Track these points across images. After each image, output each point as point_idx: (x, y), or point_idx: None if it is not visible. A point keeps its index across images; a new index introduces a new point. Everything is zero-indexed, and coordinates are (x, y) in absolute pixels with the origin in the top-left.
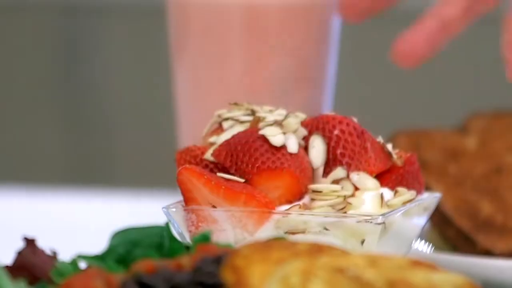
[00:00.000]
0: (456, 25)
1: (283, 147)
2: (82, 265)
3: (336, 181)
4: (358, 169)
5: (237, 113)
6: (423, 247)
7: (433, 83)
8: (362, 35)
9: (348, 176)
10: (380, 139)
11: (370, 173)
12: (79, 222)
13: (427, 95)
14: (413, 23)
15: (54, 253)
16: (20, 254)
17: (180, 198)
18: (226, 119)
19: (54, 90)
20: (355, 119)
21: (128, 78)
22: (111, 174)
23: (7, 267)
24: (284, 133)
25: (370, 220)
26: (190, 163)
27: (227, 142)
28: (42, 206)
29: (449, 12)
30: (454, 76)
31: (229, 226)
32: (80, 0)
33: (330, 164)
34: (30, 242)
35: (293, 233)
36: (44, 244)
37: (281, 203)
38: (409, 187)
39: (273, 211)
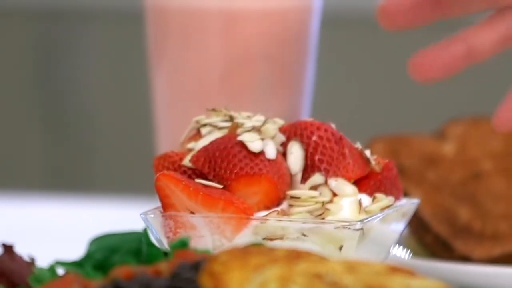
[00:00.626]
0: (481, 56)
1: (261, 153)
2: (60, 271)
3: (314, 187)
4: (336, 175)
5: (215, 119)
6: (401, 253)
7: (411, 89)
8: (341, 41)
9: (326, 182)
10: (358, 145)
11: (348, 179)
12: (57, 228)
13: (405, 102)
14: (438, 44)
15: (32, 260)
16: None
17: (158, 204)
18: (204, 125)
19: (32, 97)
20: (333, 125)
21: (106, 84)
22: (90, 180)
23: None
24: (262, 139)
25: (348, 226)
26: (168, 169)
27: (205, 148)
28: (20, 212)
29: (478, 41)
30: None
31: (207, 232)
32: (60, 5)
33: (308, 170)
34: (8, 249)
35: (271, 239)
36: (22, 250)
37: (259, 209)
38: (387, 193)
39: (251, 217)
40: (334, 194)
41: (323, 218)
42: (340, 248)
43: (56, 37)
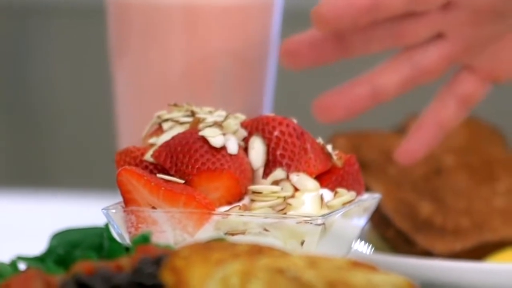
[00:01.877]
0: (386, 96)
1: (223, 148)
2: (22, 266)
3: (276, 182)
4: (298, 170)
5: (177, 114)
6: (363, 248)
7: None
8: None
9: (288, 177)
10: (320, 140)
11: (310, 174)
12: (18, 223)
13: None
14: (343, 85)
15: None
16: None
17: (120, 199)
18: (166, 120)
19: None
20: (294, 120)
21: (68, 79)
22: (51, 175)
23: None
24: (224, 134)
25: (310, 221)
26: (129, 164)
27: (167, 143)
28: None
29: (383, 82)
30: None
31: (169, 228)
32: (22, 1)
33: (270, 165)
34: None
35: (233, 234)
36: None
37: (221, 204)
38: (349, 188)
39: (213, 212)
40: (296, 189)
41: (285, 213)
42: (302, 243)
43: (17, 33)
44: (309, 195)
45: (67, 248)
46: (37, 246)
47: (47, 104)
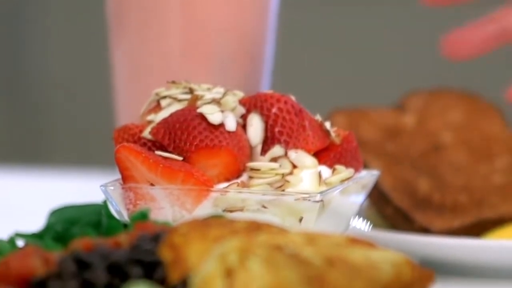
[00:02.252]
0: None
1: (221, 125)
2: (20, 243)
3: (274, 159)
4: (296, 147)
5: (175, 91)
6: (361, 225)
7: (371, 61)
8: (300, 13)
9: (286, 154)
10: (318, 117)
11: (308, 151)
12: (17, 201)
13: (364, 74)
14: (472, 24)
15: None
16: None
17: (118, 176)
18: (164, 97)
19: None
20: (293, 97)
21: (67, 55)
22: (49, 152)
23: None
24: (222, 111)
25: (308, 198)
26: (128, 141)
27: (165, 120)
28: None
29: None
30: (391, 54)
31: (167, 204)
32: None
33: (268, 142)
34: None
35: (231, 211)
36: None
37: (219, 181)
38: (347, 165)
39: (211, 189)
40: (294, 166)
41: (283, 190)
42: (300, 220)
43: (15, 10)
44: (307, 172)
45: (66, 225)
46: (36, 223)
47: (45, 80)
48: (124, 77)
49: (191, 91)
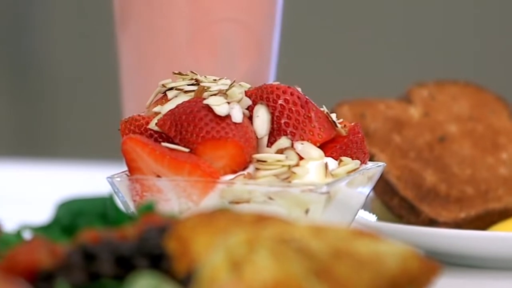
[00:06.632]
0: None
1: (228, 116)
2: (27, 235)
3: (280, 151)
4: (302, 138)
5: (182, 83)
6: (367, 217)
7: (377, 53)
8: (306, 4)
9: (292, 146)
10: (324, 108)
11: (314, 142)
12: (24, 193)
13: (371, 65)
14: None
15: None
16: None
17: (125, 168)
18: (171, 88)
19: None
20: (299, 89)
21: (72, 47)
22: (56, 144)
23: None
24: (229, 103)
25: (314, 190)
26: (134, 132)
27: (171, 111)
28: None
29: None
30: (397, 46)
31: (174, 196)
32: None
33: (274, 133)
34: None
35: (238, 203)
36: None
37: (225, 173)
38: (353, 156)
39: (218, 180)
40: (301, 158)
41: (290, 182)
42: (307, 211)
43: (21, 0)
44: (314, 163)
45: (72, 217)
46: (43, 215)
47: (52, 72)
48: (131, 69)
49: (197, 82)
